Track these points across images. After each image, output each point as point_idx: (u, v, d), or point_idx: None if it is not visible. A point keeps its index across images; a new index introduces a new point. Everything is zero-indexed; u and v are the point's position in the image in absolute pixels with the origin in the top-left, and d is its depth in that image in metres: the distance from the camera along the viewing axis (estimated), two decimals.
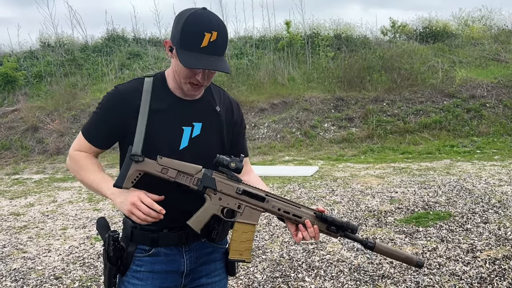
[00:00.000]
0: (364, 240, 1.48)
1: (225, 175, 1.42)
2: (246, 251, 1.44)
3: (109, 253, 1.43)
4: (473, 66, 12.49)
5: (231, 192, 1.42)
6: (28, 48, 14.86)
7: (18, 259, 4.17)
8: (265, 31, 15.12)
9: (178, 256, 1.50)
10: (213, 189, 1.40)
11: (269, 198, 1.44)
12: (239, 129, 1.61)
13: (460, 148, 8.91)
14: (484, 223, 4.39)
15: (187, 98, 1.48)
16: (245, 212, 1.43)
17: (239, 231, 1.43)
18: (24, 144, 10.59)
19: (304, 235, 1.43)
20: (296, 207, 1.46)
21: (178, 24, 1.34)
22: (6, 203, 6.62)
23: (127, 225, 1.51)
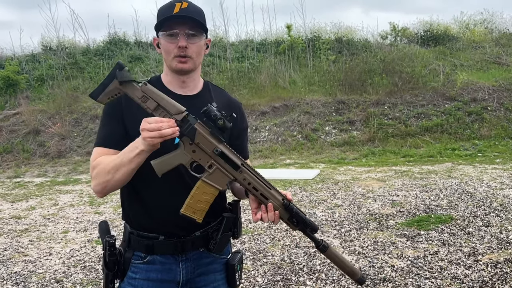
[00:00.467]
0: (319, 241, 1.44)
1: (209, 129, 1.33)
2: (200, 211, 1.36)
3: (106, 259, 1.42)
4: (474, 69, 12.49)
5: (208, 149, 1.32)
6: (30, 51, 14.91)
7: (19, 262, 4.17)
8: (266, 35, 15.16)
9: (174, 265, 1.47)
10: (191, 139, 1.31)
11: (243, 169, 1.36)
12: (238, 130, 1.57)
13: (462, 151, 8.90)
14: (486, 227, 4.38)
15: (183, 93, 1.47)
16: (214, 173, 1.34)
17: (201, 190, 1.34)
18: (26, 147, 10.61)
19: (263, 217, 1.37)
20: (266, 188, 1.39)
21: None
22: (7, 206, 6.62)
23: (126, 230, 1.50)
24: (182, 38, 1.38)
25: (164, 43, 1.41)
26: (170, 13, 1.37)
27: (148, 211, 1.45)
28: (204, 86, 1.54)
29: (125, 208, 1.52)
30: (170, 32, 1.38)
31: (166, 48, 1.41)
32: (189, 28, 1.38)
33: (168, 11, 1.38)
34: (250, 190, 1.38)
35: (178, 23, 1.38)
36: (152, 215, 1.44)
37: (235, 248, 4.06)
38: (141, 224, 1.46)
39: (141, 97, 1.28)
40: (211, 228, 1.48)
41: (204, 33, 1.44)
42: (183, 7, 1.37)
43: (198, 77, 1.53)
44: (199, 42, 1.42)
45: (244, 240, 4.38)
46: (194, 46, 1.41)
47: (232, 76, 12.81)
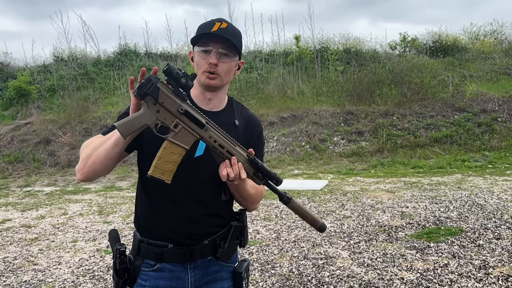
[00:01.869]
0: (282, 194, 1.45)
1: (172, 88, 1.30)
2: (168, 172, 1.33)
3: (116, 266, 1.44)
4: (484, 80, 12.42)
5: (173, 108, 1.30)
6: (42, 62, 15.15)
7: (28, 271, 4.19)
8: (274, 46, 15.26)
9: (183, 273, 1.49)
10: (154, 98, 1.27)
11: (208, 127, 1.35)
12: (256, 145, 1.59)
13: (472, 163, 8.82)
14: (497, 239, 4.32)
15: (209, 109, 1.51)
16: (180, 132, 1.32)
17: (168, 150, 1.32)
18: (36, 156, 10.72)
19: (229, 172, 1.36)
20: (231, 145, 1.38)
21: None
22: (17, 215, 6.68)
23: (135, 238, 1.52)
24: (214, 56, 1.42)
25: (197, 57, 1.45)
26: (208, 30, 1.42)
27: (158, 219, 1.47)
28: (228, 102, 1.58)
29: (138, 215, 1.55)
30: (204, 49, 1.43)
31: (198, 63, 1.45)
32: (223, 47, 1.42)
33: (207, 28, 1.43)
34: (216, 148, 1.37)
35: (214, 41, 1.42)
36: (162, 224, 1.47)
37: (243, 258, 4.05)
38: (151, 232, 1.49)
39: None
40: (219, 237, 1.50)
41: (237, 54, 1.47)
42: (222, 27, 1.42)
43: (224, 95, 1.56)
44: (230, 62, 1.46)
45: (252, 251, 4.37)
46: (225, 65, 1.44)
47: (240, 86, 12.89)
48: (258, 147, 1.61)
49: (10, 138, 11.36)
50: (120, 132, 1.27)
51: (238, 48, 1.45)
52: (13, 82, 12.98)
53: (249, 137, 1.58)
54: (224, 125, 1.48)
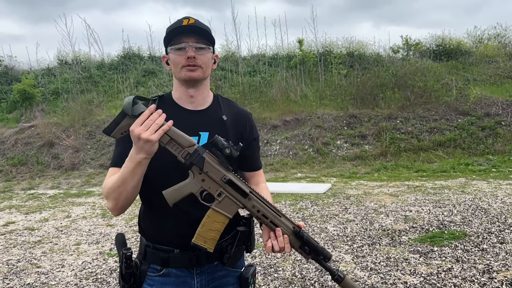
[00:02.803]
0: (334, 271, 1.42)
1: (217, 158, 1.36)
2: (211, 240, 1.37)
3: (122, 271, 1.44)
4: (488, 84, 12.39)
5: (217, 177, 1.35)
6: (46, 65, 15.24)
7: (32, 273, 4.20)
8: (277, 49, 15.30)
9: (189, 278, 1.48)
10: (200, 168, 1.34)
11: (252, 196, 1.38)
12: (250, 139, 1.59)
13: (475, 167, 8.79)
14: (501, 243, 4.30)
15: (193, 108, 1.51)
16: (223, 201, 1.37)
17: (211, 218, 1.36)
18: (40, 159, 10.76)
19: (273, 244, 1.37)
20: (276, 215, 1.39)
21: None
22: (21, 217, 6.70)
23: (142, 243, 1.52)
24: (190, 49, 1.42)
25: (173, 56, 1.45)
26: (178, 28, 1.44)
27: (163, 226, 1.47)
28: (214, 100, 1.57)
29: (141, 222, 1.55)
30: (178, 46, 1.43)
31: (175, 61, 1.45)
32: (196, 40, 1.43)
33: (175, 25, 1.45)
34: (260, 218, 1.39)
35: (186, 36, 1.43)
36: (167, 230, 1.46)
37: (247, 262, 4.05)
38: (157, 238, 1.48)
39: None
40: (225, 242, 1.49)
41: (211, 46, 1.48)
42: (190, 23, 1.43)
43: (207, 91, 1.55)
44: (207, 54, 1.46)
45: (255, 254, 4.36)
46: (203, 56, 1.45)
47: (244, 90, 12.90)
48: (254, 141, 1.61)
49: (14, 141, 11.41)
50: (168, 200, 1.34)
51: (210, 39, 1.46)
52: (17, 85, 13.06)
53: (241, 132, 1.56)
54: (211, 122, 1.49)
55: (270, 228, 1.40)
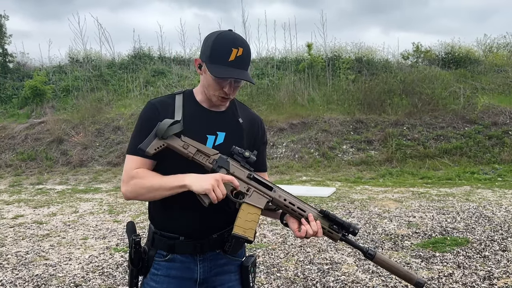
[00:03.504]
0: (364, 248, 1.52)
1: (238, 162, 1.51)
2: (249, 230, 1.47)
3: (131, 255, 1.53)
4: (496, 93, 12.37)
5: (242, 176, 1.50)
6: (58, 62, 15.44)
7: (40, 265, 4.30)
8: (286, 53, 15.37)
9: (192, 264, 1.57)
10: (227, 170, 1.48)
11: (276, 189, 1.52)
12: (260, 143, 1.69)
13: (481, 175, 8.79)
14: (503, 251, 4.33)
15: (213, 109, 1.60)
16: (253, 195, 1.50)
17: (245, 211, 1.48)
18: (49, 155, 10.92)
19: (307, 229, 1.47)
20: (301, 202, 1.52)
21: (208, 42, 1.50)
22: (29, 211, 6.83)
23: (150, 230, 1.61)
24: (229, 87, 1.50)
25: (211, 81, 1.50)
26: (226, 58, 1.45)
27: (171, 214, 1.56)
28: (231, 102, 1.66)
29: (151, 210, 1.64)
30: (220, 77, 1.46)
31: (211, 85, 1.51)
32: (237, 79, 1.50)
33: (224, 54, 1.46)
34: (287, 206, 1.51)
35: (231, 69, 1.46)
36: (174, 218, 1.56)
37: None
38: (164, 225, 1.58)
39: (182, 145, 1.47)
40: (227, 232, 1.58)
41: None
42: (238, 55, 1.46)
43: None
44: (240, 86, 1.56)
45: (259, 254, 4.43)
46: (236, 90, 1.55)
47: (251, 92, 12.99)
48: (263, 145, 1.73)
49: (24, 136, 11.58)
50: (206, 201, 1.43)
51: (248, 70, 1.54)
52: (29, 81, 13.24)
53: (254, 136, 1.67)
54: (228, 123, 1.60)
55: (297, 216, 1.51)
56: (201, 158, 1.47)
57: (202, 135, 1.54)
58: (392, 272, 1.57)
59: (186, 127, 1.52)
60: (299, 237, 1.48)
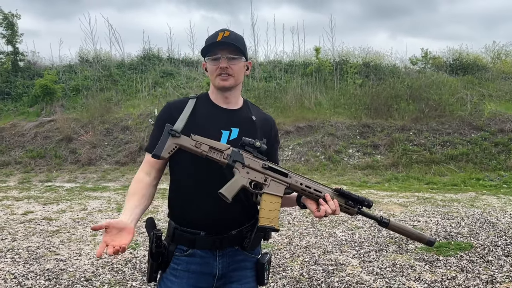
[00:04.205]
0: (379, 217, 1.61)
1: (251, 153, 1.57)
2: (274, 219, 1.52)
3: (152, 250, 1.59)
4: (503, 100, 12.38)
5: (257, 167, 1.56)
6: (68, 62, 15.62)
7: (51, 260, 4.40)
8: (294, 56, 15.46)
9: (211, 260, 1.63)
10: (242, 163, 1.54)
11: (291, 174, 1.58)
12: (272, 142, 1.77)
13: (486, 182, 8.81)
14: (506, 256, 4.38)
15: (227, 107, 1.69)
16: (271, 185, 1.56)
17: (267, 201, 1.54)
18: (58, 153, 11.06)
19: (326, 208, 1.54)
20: (316, 183, 1.59)
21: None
22: (39, 208, 6.95)
23: (170, 226, 1.68)
24: (223, 61, 1.62)
25: (209, 65, 1.65)
26: (214, 40, 1.62)
27: (192, 210, 1.63)
28: (244, 103, 1.76)
29: (171, 208, 1.71)
30: (214, 57, 1.63)
31: (210, 70, 1.66)
32: (229, 52, 1.62)
33: (213, 39, 1.63)
34: (304, 189, 1.58)
35: (220, 48, 1.62)
36: (195, 214, 1.62)
37: None
38: (185, 221, 1.64)
39: (194, 144, 1.54)
40: (246, 228, 1.65)
41: (243, 56, 1.66)
42: (225, 35, 1.62)
43: (239, 94, 1.75)
44: (239, 64, 1.65)
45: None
46: (235, 66, 1.64)
47: (259, 95, 13.08)
48: (276, 143, 1.82)
49: (34, 134, 11.74)
50: (227, 196, 1.50)
51: (242, 50, 1.64)
52: (39, 80, 13.41)
53: (267, 134, 1.75)
54: (243, 120, 1.69)
55: (313, 197, 1.58)
56: (215, 155, 1.53)
57: (217, 131, 1.63)
58: (405, 235, 1.64)
59: (199, 124, 1.62)
60: (319, 216, 1.55)
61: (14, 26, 14.54)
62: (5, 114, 13.24)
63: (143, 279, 3.86)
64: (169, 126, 1.55)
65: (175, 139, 1.53)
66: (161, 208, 6.69)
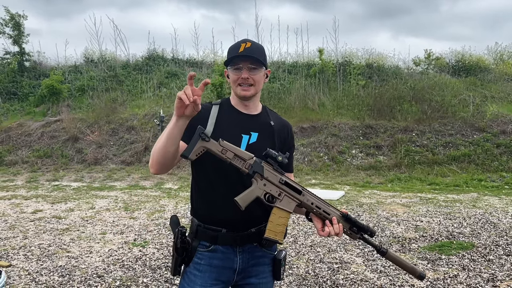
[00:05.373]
0: (378, 245, 1.72)
1: (271, 166, 1.65)
2: (280, 233, 1.63)
3: (177, 245, 1.71)
4: (506, 102, 12.47)
5: (275, 181, 1.64)
6: (73, 62, 15.77)
7: (62, 257, 4.52)
8: (298, 57, 15.57)
9: (232, 255, 1.75)
10: (261, 175, 1.63)
11: (305, 193, 1.67)
12: (288, 146, 1.88)
13: (488, 183, 8.91)
14: (507, 255, 4.48)
15: (247, 112, 1.81)
16: (283, 200, 1.65)
17: (277, 215, 1.63)
18: (65, 153, 11.20)
19: (330, 230, 1.65)
20: (326, 205, 1.69)
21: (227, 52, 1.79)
22: (48, 206, 7.07)
23: (193, 223, 1.79)
24: (244, 71, 1.73)
25: (231, 75, 1.76)
26: (236, 52, 1.72)
27: (215, 209, 1.74)
28: (263, 108, 1.88)
29: (194, 206, 1.83)
30: (235, 67, 1.74)
31: (232, 79, 1.76)
32: (250, 63, 1.73)
33: (235, 50, 1.72)
34: (314, 209, 1.68)
35: (242, 60, 1.72)
36: (218, 213, 1.74)
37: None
38: (209, 218, 1.76)
39: (220, 150, 1.63)
40: (264, 227, 1.75)
41: (263, 65, 1.77)
42: (247, 47, 1.72)
43: (258, 101, 1.86)
44: (259, 73, 1.76)
45: None
46: (255, 76, 1.75)
47: (263, 96, 13.19)
48: (293, 147, 1.93)
49: (40, 134, 11.89)
50: (241, 204, 1.60)
51: (262, 60, 1.75)
52: (45, 80, 13.57)
53: (284, 138, 1.86)
54: (261, 125, 1.80)
55: (322, 217, 1.69)
56: (238, 163, 1.63)
57: (237, 135, 1.74)
58: (400, 267, 1.76)
59: (223, 129, 1.73)
60: (322, 235, 1.67)
61: (21, 27, 14.70)
62: (12, 114, 13.39)
63: (154, 276, 3.97)
64: (201, 128, 1.61)
65: (204, 142, 1.61)
66: (168, 208, 6.81)
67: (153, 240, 5.11)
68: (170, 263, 4.25)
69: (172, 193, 8.13)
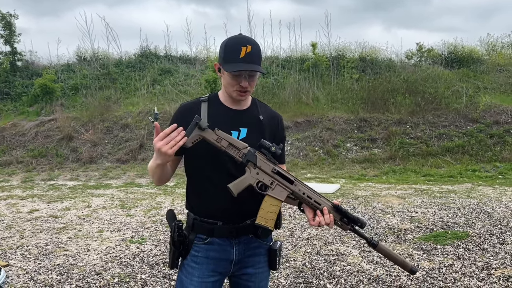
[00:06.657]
0: (369, 238, 1.74)
1: (265, 156, 1.69)
2: (270, 221, 1.67)
3: (174, 239, 1.74)
4: (498, 92, 12.56)
5: (268, 170, 1.68)
6: (66, 61, 15.69)
7: (60, 256, 4.53)
8: (291, 52, 15.57)
9: (229, 247, 1.78)
10: (254, 164, 1.66)
11: (297, 183, 1.70)
12: (279, 138, 1.89)
13: (482, 173, 8.99)
14: (501, 244, 4.54)
15: (236, 107, 1.81)
16: (275, 189, 1.68)
17: (268, 202, 1.67)
18: (59, 152, 11.16)
19: (320, 220, 1.68)
20: (317, 195, 1.72)
21: (222, 47, 1.74)
22: (44, 206, 7.07)
23: (190, 217, 1.82)
24: (244, 81, 1.70)
25: (228, 78, 1.71)
26: (237, 57, 1.65)
27: (210, 203, 1.76)
28: (252, 102, 1.87)
29: (190, 200, 1.84)
30: (235, 73, 1.68)
31: (229, 82, 1.72)
32: (250, 72, 1.70)
33: (235, 54, 1.66)
34: (305, 199, 1.71)
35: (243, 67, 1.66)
36: (213, 206, 1.76)
37: None
38: (204, 212, 1.78)
39: (216, 138, 1.66)
40: None
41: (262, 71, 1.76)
42: (248, 52, 1.65)
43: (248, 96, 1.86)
44: (256, 77, 1.76)
45: None
46: (253, 82, 1.75)
47: (256, 91, 13.20)
48: (283, 139, 1.93)
49: (34, 134, 11.84)
50: (233, 191, 1.64)
51: (261, 66, 1.73)
52: (38, 80, 13.50)
53: (274, 131, 1.86)
54: (250, 120, 1.80)
55: (313, 208, 1.71)
56: (232, 151, 1.66)
57: (227, 131, 1.73)
58: (391, 260, 1.78)
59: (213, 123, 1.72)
60: (313, 225, 1.70)
61: (12, 26, 14.59)
62: (5, 114, 13.32)
63: (152, 272, 4.00)
64: (198, 118, 1.64)
65: (200, 131, 1.64)
66: (164, 204, 6.83)
67: (151, 236, 5.13)
68: (168, 259, 4.27)
69: (169, 190, 8.14)
